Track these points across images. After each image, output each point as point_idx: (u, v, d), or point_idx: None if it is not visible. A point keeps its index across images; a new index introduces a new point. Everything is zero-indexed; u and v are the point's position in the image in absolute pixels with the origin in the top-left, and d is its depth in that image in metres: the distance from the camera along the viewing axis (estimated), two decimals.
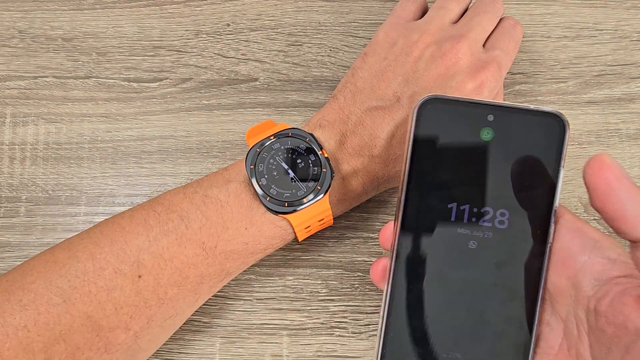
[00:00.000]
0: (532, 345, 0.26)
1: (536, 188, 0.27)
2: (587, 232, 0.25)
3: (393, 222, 0.28)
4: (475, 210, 0.27)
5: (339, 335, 0.37)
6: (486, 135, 0.27)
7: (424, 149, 0.27)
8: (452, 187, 0.27)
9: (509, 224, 0.27)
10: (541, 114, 0.27)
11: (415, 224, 0.27)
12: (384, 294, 0.27)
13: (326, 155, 0.33)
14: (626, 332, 0.22)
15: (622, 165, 0.24)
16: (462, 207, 0.27)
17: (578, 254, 0.25)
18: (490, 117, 0.27)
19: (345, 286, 0.38)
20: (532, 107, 0.27)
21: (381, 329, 0.27)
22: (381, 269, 0.28)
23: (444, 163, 0.27)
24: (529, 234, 0.27)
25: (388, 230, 0.28)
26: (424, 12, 0.38)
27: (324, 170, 0.33)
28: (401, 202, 0.27)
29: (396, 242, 0.27)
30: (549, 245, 0.26)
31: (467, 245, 0.27)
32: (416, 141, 0.27)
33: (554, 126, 0.27)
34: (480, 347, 0.27)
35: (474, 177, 0.27)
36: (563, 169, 0.26)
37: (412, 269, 0.27)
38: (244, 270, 0.35)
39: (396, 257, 0.27)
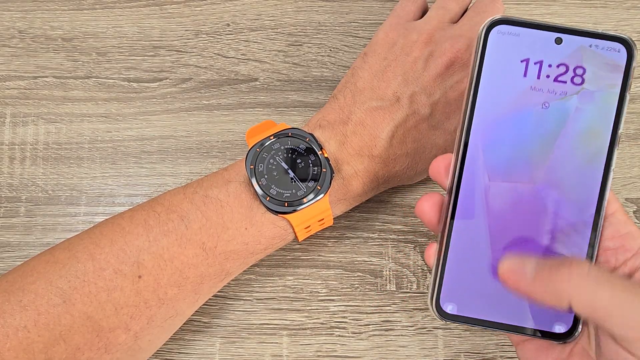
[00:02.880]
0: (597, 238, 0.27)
1: (602, 110, 0.27)
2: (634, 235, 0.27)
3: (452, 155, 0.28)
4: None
5: (339, 335, 0.37)
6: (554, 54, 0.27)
7: (491, 74, 0.27)
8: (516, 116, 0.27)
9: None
10: (609, 38, 0.27)
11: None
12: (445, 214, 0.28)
13: (326, 155, 0.33)
14: None
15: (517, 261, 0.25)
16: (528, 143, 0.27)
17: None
18: (558, 40, 0.27)
19: (345, 286, 0.38)
20: (600, 31, 0.27)
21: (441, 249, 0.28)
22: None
23: (511, 87, 0.27)
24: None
25: (446, 159, 0.28)
26: (423, 12, 0.38)
27: (324, 170, 0.33)
28: (462, 132, 0.27)
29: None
30: (611, 171, 0.27)
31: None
32: (482, 62, 0.27)
33: (621, 50, 0.27)
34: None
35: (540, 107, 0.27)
36: (629, 92, 0.27)
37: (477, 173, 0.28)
38: (244, 270, 0.35)
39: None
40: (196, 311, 0.36)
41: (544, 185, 0.27)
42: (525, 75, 0.27)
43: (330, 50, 0.42)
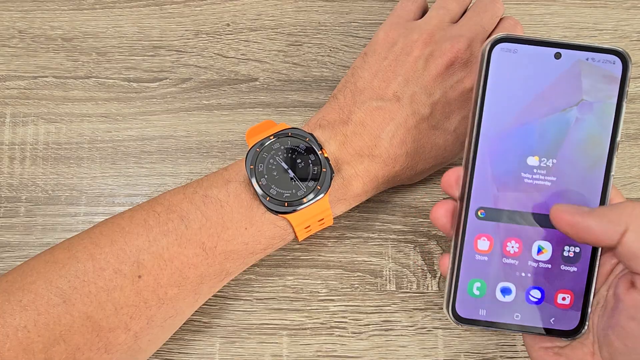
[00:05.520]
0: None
1: (601, 120, 0.28)
2: None
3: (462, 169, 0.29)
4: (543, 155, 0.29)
5: (339, 335, 0.37)
6: (554, 70, 0.28)
7: (495, 90, 0.29)
8: (522, 126, 0.29)
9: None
10: (605, 51, 0.28)
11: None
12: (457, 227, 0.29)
13: (326, 155, 0.33)
14: None
15: (571, 205, 0.27)
16: (531, 154, 0.29)
17: None
18: (557, 55, 0.28)
19: (345, 286, 0.38)
20: (596, 44, 0.28)
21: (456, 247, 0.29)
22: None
23: (514, 101, 0.29)
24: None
25: (455, 174, 0.30)
26: (424, 12, 0.38)
27: (324, 170, 0.33)
28: (471, 146, 0.29)
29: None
30: (611, 176, 0.28)
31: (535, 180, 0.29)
32: (487, 79, 0.28)
33: (617, 62, 0.28)
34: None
35: (542, 115, 0.29)
36: (625, 102, 0.28)
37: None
38: (244, 270, 0.35)
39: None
40: (196, 311, 0.36)
41: (549, 193, 0.29)
42: (527, 89, 0.28)
43: (330, 50, 0.42)
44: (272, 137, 0.33)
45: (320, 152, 0.33)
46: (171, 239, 0.31)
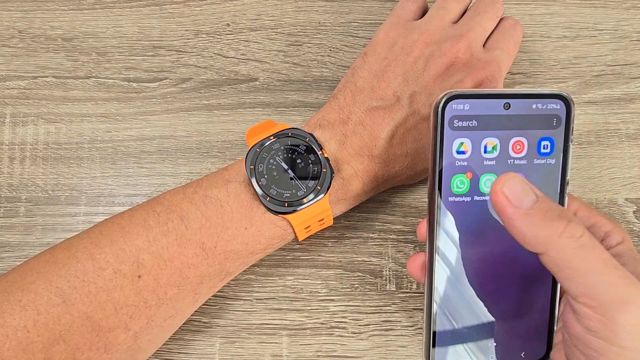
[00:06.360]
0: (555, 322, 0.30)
1: (550, 163, 0.29)
2: (599, 224, 0.30)
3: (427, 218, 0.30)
4: None
5: (339, 335, 0.37)
6: (504, 121, 0.29)
7: (450, 143, 0.29)
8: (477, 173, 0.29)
9: None
10: (548, 96, 0.29)
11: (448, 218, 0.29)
12: (426, 278, 0.30)
13: (326, 155, 0.33)
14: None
15: (517, 186, 0.25)
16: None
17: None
18: (507, 105, 0.29)
19: (345, 286, 0.38)
20: (539, 90, 0.29)
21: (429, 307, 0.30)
22: (420, 264, 0.30)
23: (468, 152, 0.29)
24: None
25: (424, 227, 0.30)
26: (424, 12, 0.38)
27: (324, 170, 0.33)
28: (435, 198, 0.29)
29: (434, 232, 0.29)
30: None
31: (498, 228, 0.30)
32: (443, 135, 0.29)
33: (560, 104, 0.29)
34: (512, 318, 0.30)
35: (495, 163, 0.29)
36: (572, 143, 0.29)
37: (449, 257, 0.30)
38: (244, 270, 0.35)
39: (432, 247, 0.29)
40: (196, 311, 0.36)
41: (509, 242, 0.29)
42: (479, 144, 0.29)
43: (330, 50, 0.42)
44: (272, 137, 0.33)
45: (320, 152, 0.33)
46: (171, 239, 0.31)
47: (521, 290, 0.29)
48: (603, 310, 0.24)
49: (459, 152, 0.29)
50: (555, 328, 0.30)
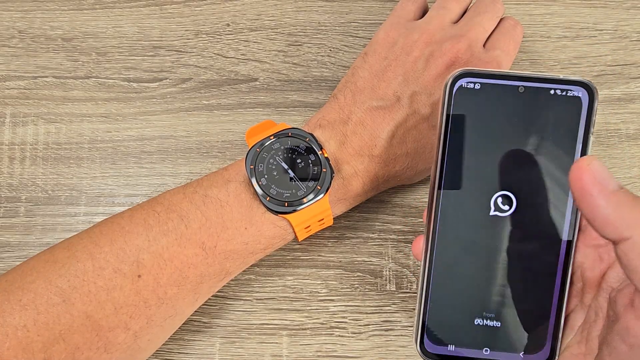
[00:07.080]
0: (562, 321, 0.28)
1: (566, 159, 0.27)
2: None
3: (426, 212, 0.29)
4: (506, 192, 0.28)
5: (339, 335, 0.37)
6: (518, 107, 0.27)
7: (459, 126, 0.28)
8: (485, 167, 0.28)
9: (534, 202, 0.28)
10: (570, 82, 0.27)
11: (449, 213, 0.28)
12: (422, 267, 0.29)
13: (326, 155, 0.33)
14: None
15: (603, 168, 0.23)
16: (495, 192, 0.28)
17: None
18: (521, 89, 0.27)
19: (345, 286, 0.38)
20: (561, 76, 0.27)
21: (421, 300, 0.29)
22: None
23: (478, 138, 0.28)
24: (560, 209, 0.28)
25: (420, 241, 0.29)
26: (424, 12, 0.38)
27: (324, 170, 0.33)
28: (435, 184, 0.28)
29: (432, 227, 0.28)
30: (579, 215, 0.28)
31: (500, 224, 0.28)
32: (449, 118, 0.28)
33: (582, 93, 0.27)
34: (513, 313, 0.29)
35: (506, 155, 0.28)
36: (592, 135, 0.27)
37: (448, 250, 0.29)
38: (244, 270, 0.35)
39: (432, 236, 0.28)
40: (196, 311, 0.36)
41: (521, 216, 0.28)
42: (491, 124, 0.28)
43: (330, 50, 0.42)
44: (272, 137, 0.33)
45: (321, 152, 0.33)
46: (171, 239, 0.31)
47: (522, 291, 0.29)
48: None
49: None
50: (560, 335, 0.28)
